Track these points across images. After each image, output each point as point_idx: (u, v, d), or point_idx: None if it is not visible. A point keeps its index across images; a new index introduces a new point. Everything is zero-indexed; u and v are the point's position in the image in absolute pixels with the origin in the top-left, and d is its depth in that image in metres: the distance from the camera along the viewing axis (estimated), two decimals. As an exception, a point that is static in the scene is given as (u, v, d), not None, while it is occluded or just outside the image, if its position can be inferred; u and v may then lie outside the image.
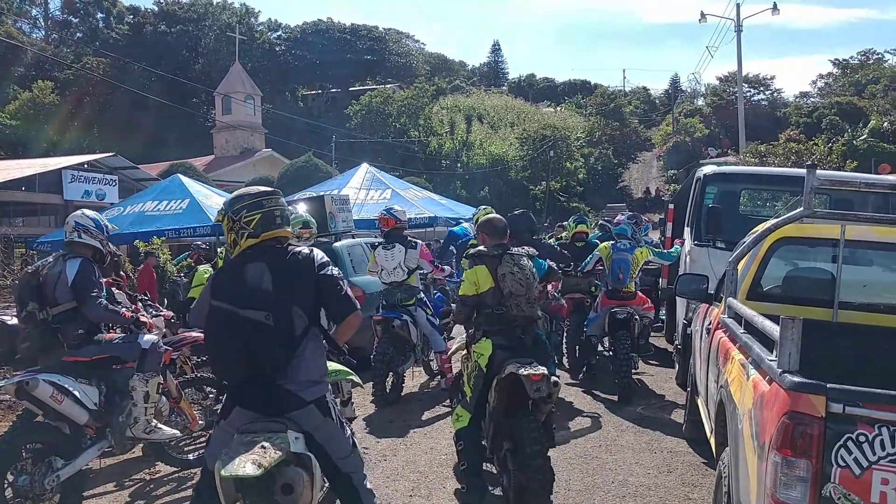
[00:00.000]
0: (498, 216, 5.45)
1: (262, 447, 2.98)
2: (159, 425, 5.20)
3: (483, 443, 4.80)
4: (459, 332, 6.96)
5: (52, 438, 4.61)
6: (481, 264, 4.76)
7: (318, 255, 3.50)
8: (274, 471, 3.02)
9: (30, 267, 5.10)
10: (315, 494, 3.24)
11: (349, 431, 3.60)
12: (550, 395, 4.35)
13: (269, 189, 3.61)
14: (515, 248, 4.97)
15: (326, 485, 3.54)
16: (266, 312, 3.23)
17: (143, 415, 5.00)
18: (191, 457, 5.65)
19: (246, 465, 2.87)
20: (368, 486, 3.53)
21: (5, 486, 4.37)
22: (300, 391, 3.28)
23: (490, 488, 4.81)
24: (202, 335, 4.15)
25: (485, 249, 4.87)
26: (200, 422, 5.73)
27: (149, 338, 5.15)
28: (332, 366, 4.05)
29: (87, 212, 5.24)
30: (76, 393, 4.66)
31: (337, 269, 3.54)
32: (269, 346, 3.22)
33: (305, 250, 3.49)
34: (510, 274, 4.68)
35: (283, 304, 3.27)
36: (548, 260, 8.04)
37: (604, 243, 8.38)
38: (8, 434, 4.54)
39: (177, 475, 5.62)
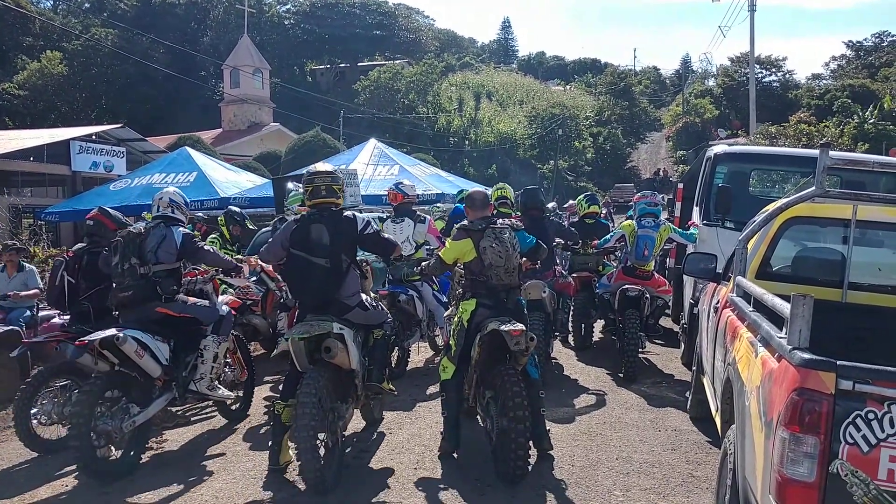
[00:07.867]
0: (478, 189, 6.06)
1: (312, 325, 4.82)
2: (219, 385, 5.80)
3: (465, 392, 5.26)
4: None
5: (131, 387, 5.13)
6: (467, 237, 5.25)
7: (360, 219, 5.17)
8: (317, 339, 4.80)
9: (132, 228, 5.55)
10: (351, 359, 4.88)
11: (384, 309, 5.58)
12: (527, 349, 4.86)
13: (323, 170, 5.26)
14: (500, 221, 5.42)
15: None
16: (325, 259, 4.95)
17: (208, 373, 5.61)
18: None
19: (300, 334, 4.74)
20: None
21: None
22: (347, 300, 5.06)
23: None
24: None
25: (469, 224, 5.32)
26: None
27: (225, 306, 5.96)
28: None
29: (178, 190, 5.94)
30: (153, 349, 5.20)
31: (374, 224, 5.03)
32: (327, 280, 4.96)
33: (350, 215, 5.15)
34: (490, 247, 5.14)
35: (335, 253, 4.98)
36: (557, 237, 8.07)
37: (627, 221, 8.34)
38: (95, 380, 4.93)
39: (182, 443, 5.73)
